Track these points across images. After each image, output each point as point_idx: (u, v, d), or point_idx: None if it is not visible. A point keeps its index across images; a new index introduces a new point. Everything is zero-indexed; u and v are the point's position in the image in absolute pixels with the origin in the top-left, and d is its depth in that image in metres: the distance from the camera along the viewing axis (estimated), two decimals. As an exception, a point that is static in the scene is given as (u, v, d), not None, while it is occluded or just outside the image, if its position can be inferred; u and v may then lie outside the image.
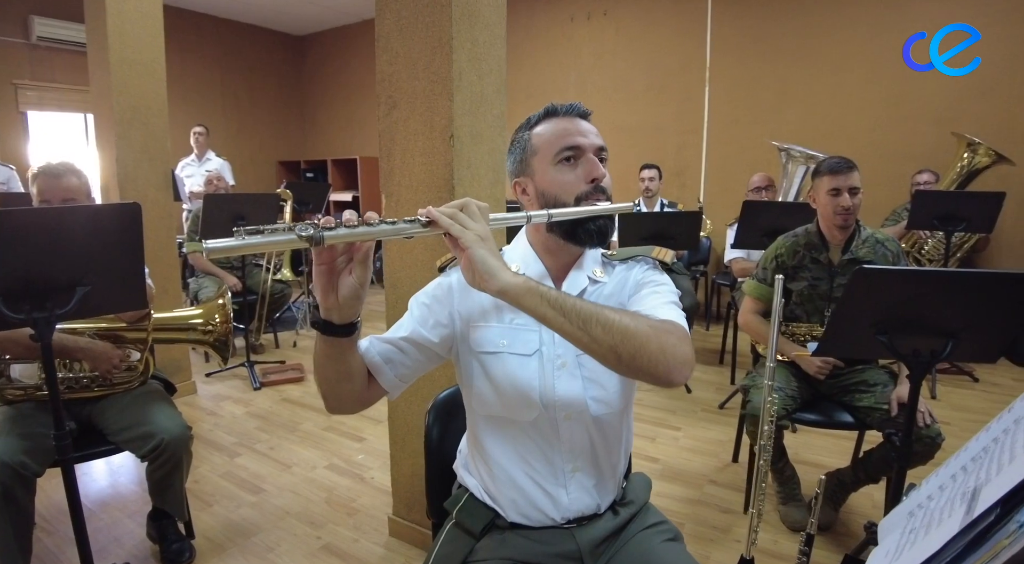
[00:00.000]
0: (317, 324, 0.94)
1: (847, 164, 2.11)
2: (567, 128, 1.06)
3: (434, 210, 0.87)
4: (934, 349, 1.49)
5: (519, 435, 1.09)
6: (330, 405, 1.05)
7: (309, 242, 0.79)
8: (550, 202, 1.06)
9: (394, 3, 1.83)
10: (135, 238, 1.61)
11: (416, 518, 2.09)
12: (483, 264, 0.85)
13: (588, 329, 0.87)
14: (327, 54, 8.16)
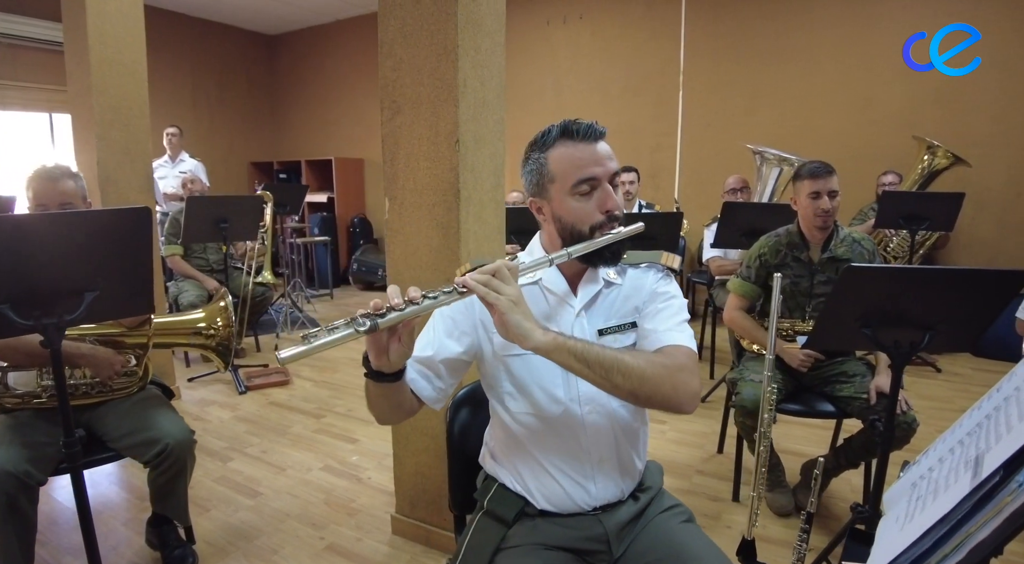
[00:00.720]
0: (369, 374, 1.01)
1: (826, 169, 2.23)
2: (584, 158, 1.10)
3: (470, 281, 0.95)
4: (913, 341, 1.60)
5: (546, 430, 1.15)
6: (381, 422, 1.15)
7: (369, 332, 0.90)
8: (566, 227, 1.13)
9: (398, 10, 1.87)
10: (144, 242, 1.62)
11: (420, 515, 2.14)
12: (518, 328, 0.95)
13: (610, 378, 0.99)
14: (300, 54, 8.08)
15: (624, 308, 1.19)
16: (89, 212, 1.61)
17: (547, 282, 1.18)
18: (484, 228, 1.97)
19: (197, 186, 4.42)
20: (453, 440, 1.37)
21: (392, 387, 1.04)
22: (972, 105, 4.54)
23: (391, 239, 2.00)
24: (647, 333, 1.15)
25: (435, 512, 2.10)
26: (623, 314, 1.19)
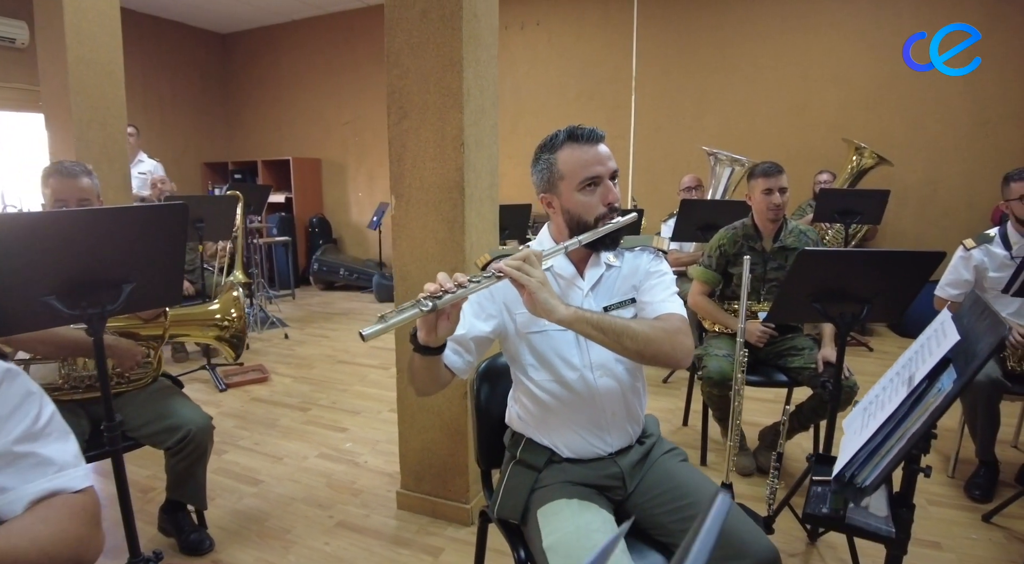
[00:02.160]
0: (417, 349, 1.19)
1: (777, 169, 2.54)
2: (588, 159, 1.31)
3: (505, 267, 1.15)
4: (855, 312, 1.91)
5: (566, 393, 1.37)
6: (420, 393, 1.34)
7: (431, 312, 1.07)
8: (574, 218, 1.35)
9: (405, 23, 2.05)
10: (179, 237, 1.75)
11: (426, 489, 2.32)
12: (546, 304, 1.15)
13: (621, 341, 1.22)
14: (255, 53, 8.02)
15: (624, 287, 1.42)
16: (130, 208, 1.71)
17: (557, 268, 1.40)
18: (483, 222, 2.18)
19: (167, 186, 4.42)
20: (480, 407, 1.58)
21: (435, 360, 1.22)
22: (894, 109, 5.04)
23: (398, 233, 2.18)
24: (645, 305, 1.38)
25: (440, 485, 2.29)
26: (624, 292, 1.42)
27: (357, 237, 7.62)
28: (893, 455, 0.91)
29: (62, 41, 3.23)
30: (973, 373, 0.83)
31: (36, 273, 1.54)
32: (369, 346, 4.74)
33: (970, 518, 2.38)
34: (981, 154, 4.89)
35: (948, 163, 5.01)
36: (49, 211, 1.90)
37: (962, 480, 2.61)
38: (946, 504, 2.49)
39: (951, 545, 2.20)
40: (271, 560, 2.12)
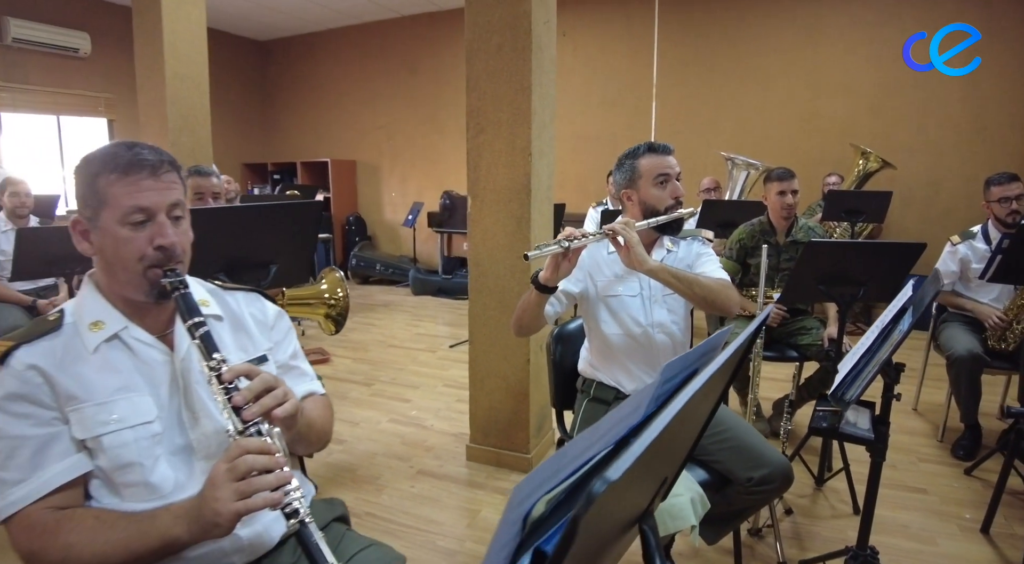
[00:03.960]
0: (538, 287, 1.62)
1: (790, 174, 2.96)
2: (661, 163, 1.78)
3: (616, 226, 1.60)
4: (853, 293, 2.33)
5: (631, 344, 1.81)
6: (521, 333, 1.78)
7: (566, 250, 1.51)
8: (648, 207, 1.79)
9: (482, 54, 2.49)
10: (314, 228, 2.20)
11: (492, 442, 2.76)
12: (640, 256, 1.60)
13: (692, 288, 1.66)
14: (291, 60, 8.50)
15: (680, 266, 1.86)
16: (278, 204, 2.17)
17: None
18: (543, 218, 2.62)
19: (232, 187, 4.88)
20: (555, 361, 2.02)
21: (545, 298, 1.65)
22: (898, 114, 5.44)
23: (473, 227, 2.62)
24: (700, 275, 1.83)
25: (504, 438, 2.73)
26: None
27: (390, 234, 8.08)
28: (870, 375, 1.34)
29: (160, 58, 3.69)
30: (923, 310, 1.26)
31: (211, 254, 1.99)
32: (415, 333, 5.21)
33: (954, 472, 2.79)
34: (980, 156, 5.27)
35: (949, 165, 5.40)
36: (221, 207, 2.35)
37: (949, 444, 3.02)
38: (934, 461, 2.90)
39: (935, 491, 2.62)
40: (368, 499, 2.57)
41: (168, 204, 1.02)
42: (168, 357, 1.05)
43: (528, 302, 1.69)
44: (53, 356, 0.97)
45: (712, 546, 2.15)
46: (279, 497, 0.86)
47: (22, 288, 3.66)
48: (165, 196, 1.02)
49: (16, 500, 0.91)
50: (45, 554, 0.89)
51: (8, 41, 6.19)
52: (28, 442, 0.93)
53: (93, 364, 0.99)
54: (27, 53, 6.40)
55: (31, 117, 6.59)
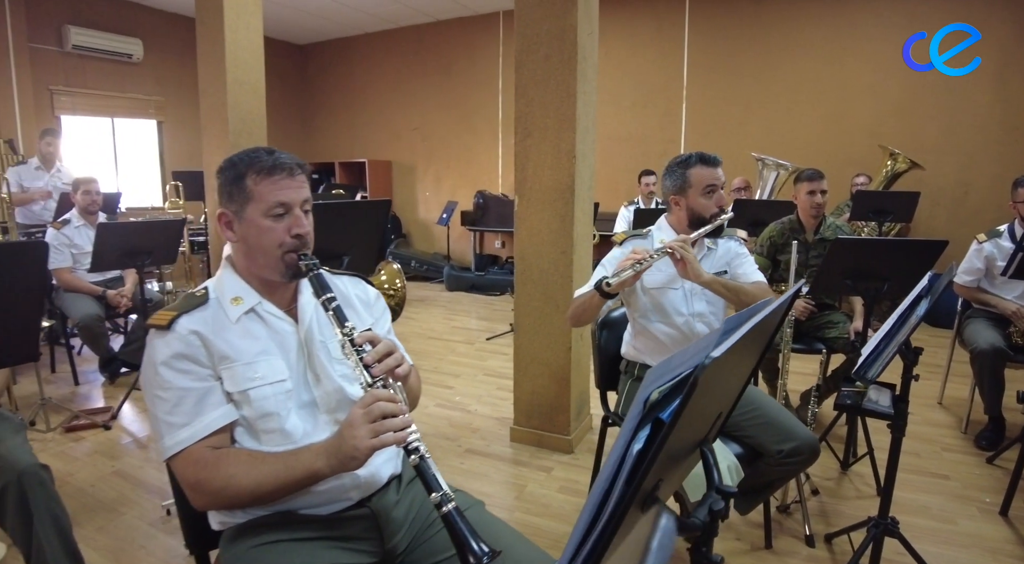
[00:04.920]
0: (603, 294, 1.81)
1: (819, 175, 3.11)
2: (711, 175, 1.96)
3: (673, 246, 1.79)
4: (877, 287, 2.48)
5: (673, 332, 1.99)
6: (578, 324, 1.99)
7: (637, 271, 1.72)
8: (695, 214, 1.97)
9: (530, 64, 2.69)
10: (382, 225, 2.42)
11: (534, 424, 2.96)
12: (696, 271, 1.80)
13: (738, 296, 1.87)
14: (329, 63, 8.80)
15: (718, 263, 2.05)
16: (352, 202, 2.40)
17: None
18: (585, 216, 2.82)
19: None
20: (600, 346, 2.21)
21: (605, 301, 1.86)
22: (926, 115, 5.51)
23: (519, 225, 2.83)
24: (739, 276, 2.02)
25: (546, 421, 2.93)
26: (718, 266, 2.05)
27: (424, 233, 8.34)
28: (889, 355, 1.51)
29: (222, 65, 3.95)
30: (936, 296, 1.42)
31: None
32: (452, 326, 5.44)
33: (976, 461, 2.92)
34: (1010, 157, 5.32)
35: (978, 166, 5.46)
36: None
37: (973, 435, 3.15)
38: (957, 451, 3.03)
39: (957, 477, 2.76)
40: (420, 473, 2.79)
41: (302, 200, 1.24)
42: (294, 328, 1.27)
43: (590, 304, 1.89)
44: (206, 324, 1.19)
45: (745, 521, 2.33)
46: (403, 436, 1.07)
47: (92, 280, 3.96)
48: (300, 193, 1.24)
49: (183, 439, 1.14)
50: (209, 483, 1.11)
51: (69, 48, 6.57)
52: (191, 393, 1.15)
53: (236, 332, 1.21)
54: (85, 59, 6.78)
55: (88, 119, 6.96)
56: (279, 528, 1.17)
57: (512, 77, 7.01)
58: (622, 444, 0.61)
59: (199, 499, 1.14)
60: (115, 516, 2.53)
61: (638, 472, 0.61)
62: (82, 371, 4.23)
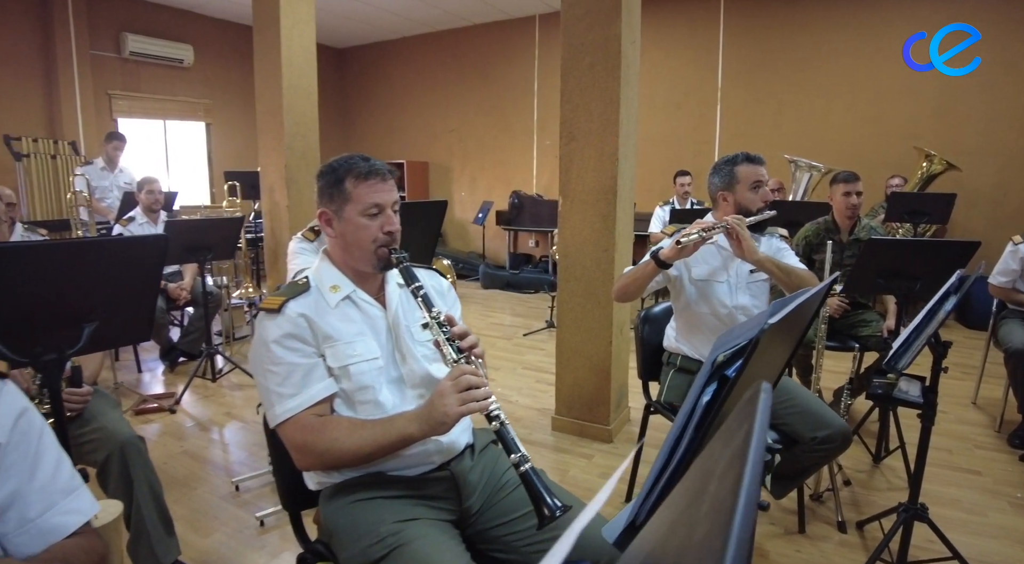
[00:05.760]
0: (659, 263, 1.96)
1: (855, 176, 3.20)
2: (756, 172, 2.10)
3: (731, 221, 1.92)
4: (909, 286, 2.57)
5: (716, 322, 2.13)
6: (624, 299, 2.13)
7: (699, 240, 1.86)
8: (742, 208, 2.10)
9: (576, 72, 2.84)
10: (438, 223, 2.60)
11: (575, 414, 3.11)
12: (750, 247, 1.94)
13: (789, 276, 1.99)
14: (367, 66, 9.06)
15: None
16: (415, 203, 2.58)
17: (721, 242, 2.15)
18: (626, 216, 2.96)
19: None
20: (643, 339, 2.35)
21: (658, 272, 2.00)
22: (964, 117, 5.51)
23: (563, 224, 2.98)
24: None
25: (586, 411, 3.08)
26: None
27: (459, 232, 8.54)
28: (919, 347, 1.62)
29: (278, 71, 4.18)
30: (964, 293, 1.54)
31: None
32: (489, 322, 5.62)
33: (1009, 458, 2.99)
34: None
35: (1018, 168, 5.44)
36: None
37: (1007, 434, 3.20)
38: (990, 448, 3.10)
39: (989, 473, 2.83)
40: (467, 457, 2.96)
41: (392, 201, 1.42)
42: (383, 313, 1.45)
43: (643, 273, 2.03)
44: (311, 308, 1.37)
45: (779, 507, 2.45)
46: (486, 405, 1.23)
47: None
48: (391, 195, 1.41)
49: (292, 407, 1.31)
50: (315, 445, 1.29)
51: (126, 54, 6.92)
52: (298, 368, 1.33)
53: (335, 315, 1.39)
54: (141, 64, 7.12)
55: (141, 122, 7.31)
56: (371, 487, 1.34)
57: (548, 79, 7.20)
58: (693, 398, 0.76)
59: (304, 460, 1.32)
60: (188, 490, 2.75)
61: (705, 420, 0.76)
62: (143, 359, 4.51)
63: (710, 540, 0.26)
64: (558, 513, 1.13)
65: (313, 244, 2.81)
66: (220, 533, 2.44)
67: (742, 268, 2.14)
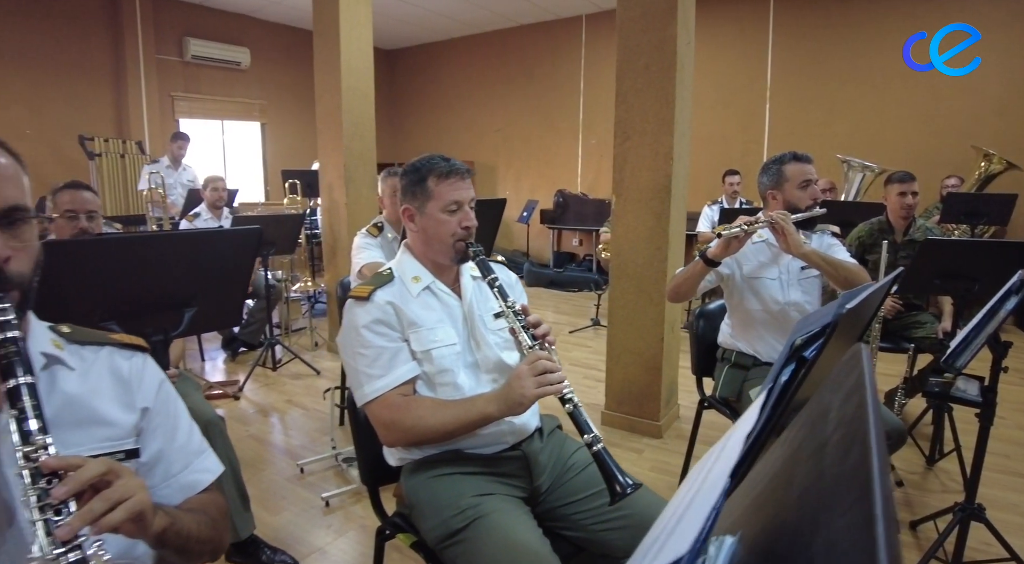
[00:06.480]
0: (707, 262, 2.02)
1: (911, 176, 3.18)
2: (804, 170, 2.14)
3: (775, 216, 1.96)
4: (967, 287, 2.56)
5: (768, 318, 2.17)
6: (677, 299, 2.18)
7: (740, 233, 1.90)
8: (790, 206, 2.14)
9: (631, 73, 2.91)
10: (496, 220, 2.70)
11: (626, 410, 3.17)
12: (796, 242, 1.97)
13: (836, 269, 2.01)
14: (415, 67, 9.24)
15: None
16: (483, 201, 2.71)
17: (770, 238, 2.20)
18: (679, 214, 3.01)
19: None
20: (698, 334, 2.41)
21: (707, 271, 2.06)
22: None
23: (616, 222, 3.05)
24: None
25: (637, 407, 3.14)
26: None
27: (504, 230, 8.64)
28: (978, 346, 1.64)
29: (337, 74, 4.33)
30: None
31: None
32: (534, 318, 5.68)
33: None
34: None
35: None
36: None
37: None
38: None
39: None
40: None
41: (470, 198, 1.52)
42: (458, 302, 1.55)
43: (692, 272, 2.09)
44: (396, 297, 1.49)
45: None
46: (560, 388, 1.32)
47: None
48: (469, 193, 1.52)
49: (380, 387, 1.43)
50: (401, 422, 1.40)
51: (188, 58, 7.23)
52: (386, 351, 1.44)
53: (418, 304, 1.50)
54: (201, 67, 7.44)
55: (201, 122, 7.63)
56: (450, 463, 1.45)
57: (594, 79, 7.26)
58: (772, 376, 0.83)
59: (391, 436, 1.43)
60: (256, 472, 2.92)
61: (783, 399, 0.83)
62: (206, 349, 4.74)
63: (846, 446, 0.34)
64: (629, 490, 1.21)
65: (376, 239, 2.96)
66: (288, 512, 2.59)
67: (793, 265, 2.18)
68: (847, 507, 0.29)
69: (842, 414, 0.39)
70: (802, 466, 0.43)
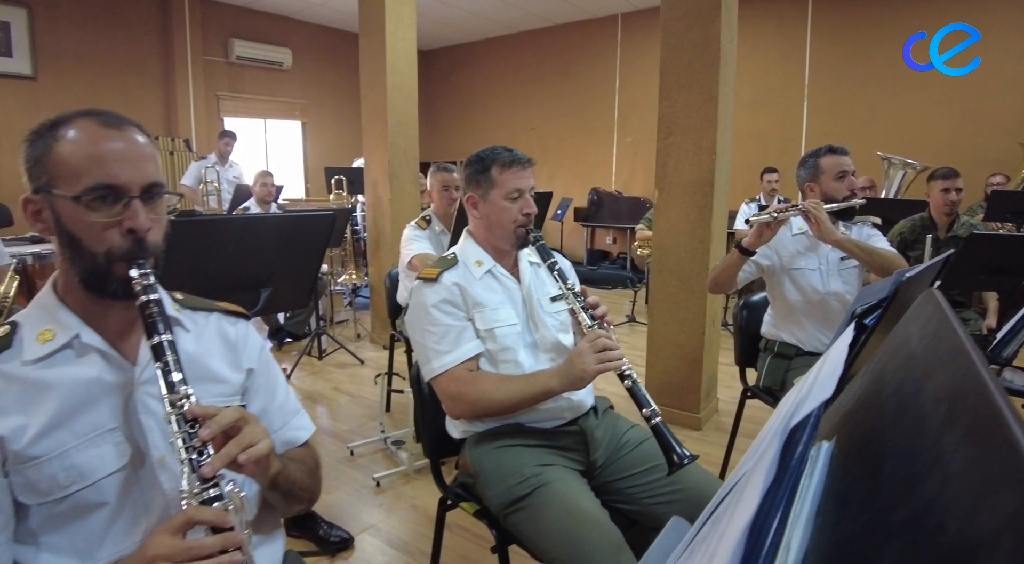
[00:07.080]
0: (742, 251, 2.08)
1: (955, 173, 3.17)
2: (840, 162, 2.18)
3: (807, 205, 2.01)
4: (1015, 283, 2.56)
5: (810, 307, 2.21)
6: (718, 290, 2.24)
7: (772, 221, 1.96)
8: (828, 197, 2.18)
9: (674, 70, 2.97)
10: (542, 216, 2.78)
11: (665, 402, 3.22)
12: (829, 229, 2.02)
13: (871, 256, 2.05)
14: (451, 67, 9.38)
15: None
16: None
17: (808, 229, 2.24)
18: (721, 208, 3.06)
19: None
20: (742, 325, 2.46)
21: (744, 261, 2.12)
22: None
23: (659, 216, 3.11)
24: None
25: (676, 399, 3.19)
26: None
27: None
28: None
29: (383, 73, 4.46)
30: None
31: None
32: (569, 313, 5.76)
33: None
34: None
35: None
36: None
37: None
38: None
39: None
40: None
41: (530, 187, 1.61)
42: (517, 286, 1.64)
43: (729, 263, 2.15)
44: (462, 278, 1.58)
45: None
46: (619, 364, 1.40)
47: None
48: (530, 181, 1.60)
49: (448, 362, 1.52)
50: (467, 395, 1.49)
51: (233, 58, 7.47)
52: (452, 329, 1.54)
53: (481, 286, 1.59)
54: (245, 68, 7.67)
55: (245, 121, 7.87)
56: (512, 435, 1.54)
57: (630, 77, 7.30)
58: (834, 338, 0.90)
59: (457, 408, 1.53)
60: (308, 453, 3.05)
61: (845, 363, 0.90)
62: (254, 338, 4.90)
63: (934, 345, 0.42)
64: (686, 461, 1.29)
65: (425, 231, 3.06)
66: (341, 491, 2.71)
67: (832, 255, 2.22)
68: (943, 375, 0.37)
69: (924, 331, 0.47)
70: (891, 376, 0.50)
